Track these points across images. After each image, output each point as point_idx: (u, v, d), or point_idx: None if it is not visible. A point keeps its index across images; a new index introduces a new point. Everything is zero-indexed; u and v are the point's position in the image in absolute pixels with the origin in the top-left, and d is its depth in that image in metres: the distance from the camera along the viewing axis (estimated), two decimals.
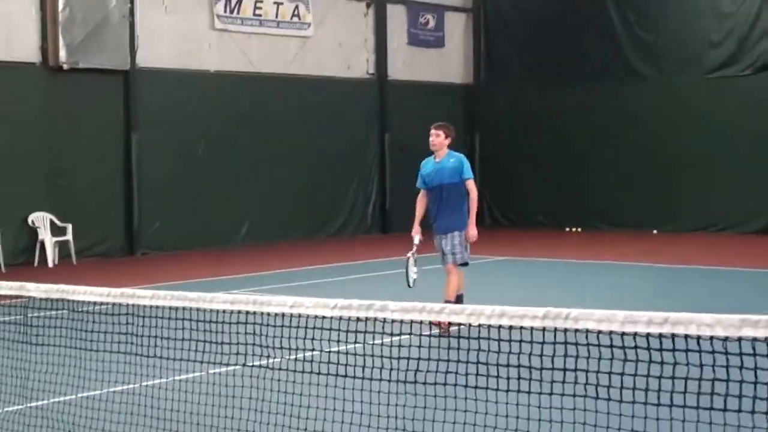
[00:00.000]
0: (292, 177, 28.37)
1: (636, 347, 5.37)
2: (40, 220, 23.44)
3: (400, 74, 31.33)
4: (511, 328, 5.63)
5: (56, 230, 23.57)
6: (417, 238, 13.79)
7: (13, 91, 23.25)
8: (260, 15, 27.74)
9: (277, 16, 28.13)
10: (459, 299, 13.43)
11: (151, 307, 7.32)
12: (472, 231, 13.50)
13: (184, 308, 7.10)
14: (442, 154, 13.79)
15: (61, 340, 8.63)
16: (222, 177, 26.90)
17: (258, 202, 27.67)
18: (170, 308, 7.25)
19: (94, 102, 24.67)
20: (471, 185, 13.63)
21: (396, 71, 31.21)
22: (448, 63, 32.75)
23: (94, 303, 7.56)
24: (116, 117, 25.11)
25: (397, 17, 31.26)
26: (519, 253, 23.58)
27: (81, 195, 24.34)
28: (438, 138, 13.75)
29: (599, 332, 5.23)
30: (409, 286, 13.50)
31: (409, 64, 31.64)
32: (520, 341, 5.94)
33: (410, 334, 6.40)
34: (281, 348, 6.79)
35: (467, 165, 13.68)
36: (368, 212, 30.61)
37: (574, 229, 30.01)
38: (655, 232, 28.38)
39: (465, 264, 13.69)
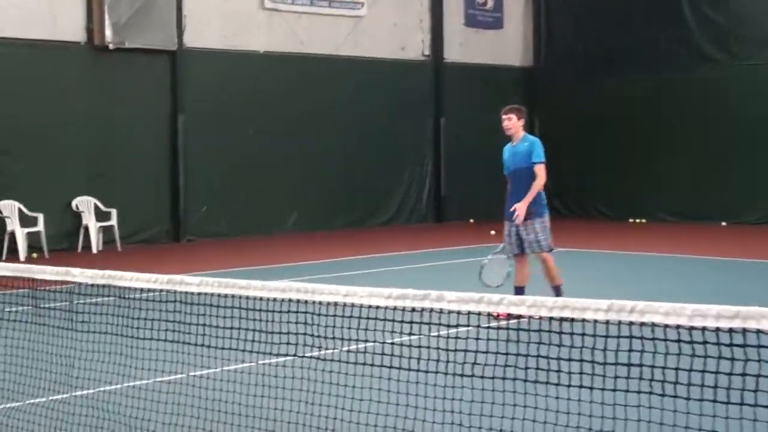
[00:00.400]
0: (343, 162, 28.44)
1: (704, 342, 5.34)
2: (84, 204, 23.64)
3: (457, 56, 31.30)
4: (573, 320, 5.61)
5: (100, 215, 23.76)
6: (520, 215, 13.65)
7: (56, 71, 23.46)
8: None
9: None
10: (558, 290, 13.45)
11: (199, 294, 7.33)
12: (520, 206, 13.36)
13: (233, 296, 7.09)
14: (518, 137, 13.75)
15: (107, 327, 8.69)
16: (270, 162, 27.00)
17: (308, 188, 27.75)
18: (219, 296, 7.27)
19: (139, 83, 24.86)
20: (538, 169, 13.52)
21: (452, 53, 31.18)
22: (507, 45, 32.66)
23: (141, 290, 7.57)
24: (162, 99, 25.30)
25: None
26: (580, 244, 23.46)
27: (126, 179, 24.54)
28: (510, 121, 13.72)
29: (666, 326, 5.19)
30: (489, 285, 13.38)
31: (465, 46, 31.60)
32: (583, 335, 5.93)
33: (468, 325, 6.41)
34: (333, 338, 6.79)
35: (538, 148, 13.61)
36: (422, 200, 30.62)
37: (637, 221, 29.87)
38: (723, 224, 28.17)
39: (551, 249, 13.68)
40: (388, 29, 29.74)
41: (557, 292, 13.40)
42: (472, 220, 29.28)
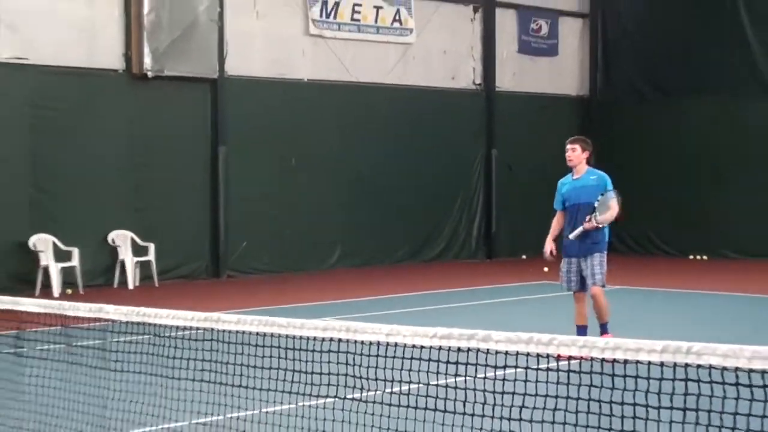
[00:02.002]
0: (390, 195, 28.44)
1: (765, 386, 5.33)
2: (121, 238, 23.75)
3: (510, 85, 31.31)
4: (626, 362, 5.63)
5: (138, 250, 23.86)
6: (548, 249, 13.66)
7: (94, 99, 23.59)
8: (358, 20, 27.92)
9: (376, 21, 28.29)
10: (604, 328, 13.40)
11: (237, 332, 7.37)
12: (587, 224, 13.32)
13: (272, 335, 7.13)
14: (581, 170, 13.71)
15: (141, 366, 8.75)
16: (314, 195, 27.05)
17: (353, 223, 27.77)
18: (258, 334, 7.31)
19: (179, 112, 24.98)
20: (614, 205, 13.48)
21: (505, 82, 31.20)
22: (562, 73, 32.65)
23: (177, 327, 7.62)
24: (203, 128, 25.40)
25: (506, 23, 31.28)
26: (637, 282, 23.37)
27: (164, 212, 24.62)
28: (574, 153, 13.68)
29: (724, 369, 5.19)
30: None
31: (519, 74, 31.62)
32: (636, 377, 5.93)
33: (516, 367, 6.41)
34: (376, 379, 6.79)
35: (610, 183, 13.58)
36: (472, 235, 30.59)
37: (698, 257, 29.73)
38: None
39: (604, 285, 13.58)
40: (438, 57, 29.82)
41: (603, 330, 13.36)
42: (524, 257, 29.21)
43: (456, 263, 29.21)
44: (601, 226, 13.35)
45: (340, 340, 6.66)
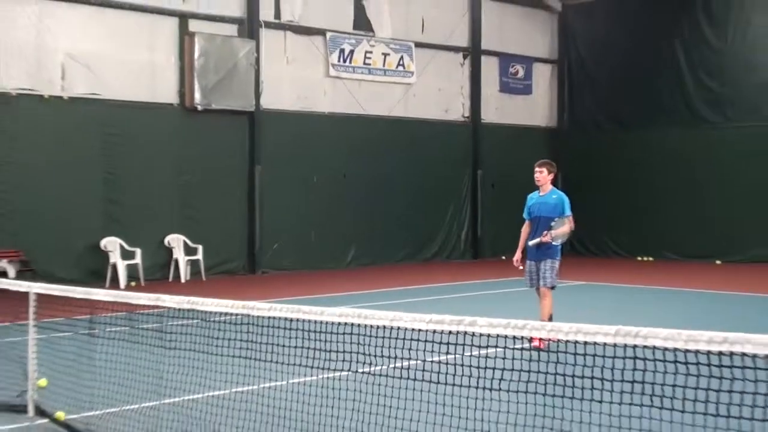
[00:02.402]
0: (394, 206, 28.44)
1: (698, 363, 5.34)
2: (175, 241, 23.76)
3: (492, 118, 31.30)
4: (585, 343, 5.62)
5: (188, 250, 23.87)
6: (517, 259, 13.61)
7: (154, 128, 23.63)
8: (369, 64, 27.93)
9: (384, 65, 28.30)
10: (550, 319, 13.30)
11: (269, 318, 7.39)
12: (544, 238, 13.30)
13: (298, 320, 7.14)
14: (546, 189, 13.60)
15: (191, 345, 8.73)
16: (333, 205, 27.07)
17: (364, 229, 27.76)
18: (286, 320, 7.31)
19: (223, 138, 24.99)
20: (569, 222, 13.44)
21: (488, 115, 31.19)
22: (535, 108, 32.64)
23: (220, 313, 7.63)
24: (242, 151, 25.40)
25: (490, 67, 31.26)
26: (596, 278, 23.35)
27: (210, 220, 24.62)
28: (541, 174, 13.58)
29: (665, 349, 5.19)
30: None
31: (500, 109, 31.61)
32: (594, 356, 5.92)
33: (496, 347, 6.40)
34: (382, 357, 6.79)
35: (568, 204, 13.45)
36: (461, 240, 30.56)
37: (645, 258, 29.69)
38: (718, 262, 27.97)
39: (553, 287, 13.50)
40: (434, 94, 29.81)
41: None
42: (503, 257, 29.17)
43: (448, 263, 29.16)
44: (554, 242, 13.29)
45: (353, 325, 6.66)
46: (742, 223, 28.16)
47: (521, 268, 13.61)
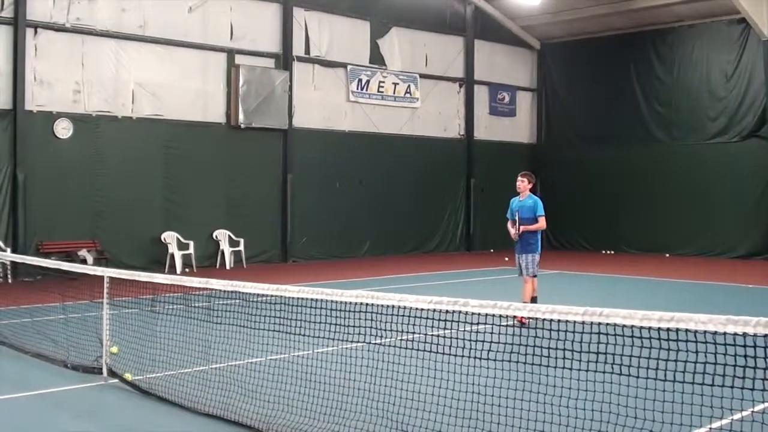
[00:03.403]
0: (402, 207, 28.42)
1: (650, 338, 5.32)
2: (222, 235, 23.77)
3: (483, 135, 31.22)
4: (559, 321, 5.61)
5: (232, 243, 23.87)
6: (513, 232, 13.58)
7: (205, 143, 23.65)
8: (382, 91, 27.90)
9: (394, 92, 28.27)
10: (534, 300, 13.30)
11: (298, 298, 7.39)
12: (522, 228, 13.37)
13: (322, 300, 7.15)
14: (525, 194, 13.67)
15: (234, 320, 8.75)
16: (351, 206, 27.06)
17: (377, 226, 27.74)
18: (312, 300, 7.32)
19: (261, 151, 24.97)
20: (541, 220, 13.46)
21: (480, 133, 31.12)
22: (519, 128, 32.56)
23: (258, 294, 7.63)
24: (277, 162, 25.39)
25: (481, 94, 31.19)
26: (568, 268, 23.30)
27: (250, 218, 24.62)
28: (523, 183, 13.67)
29: (624, 326, 5.18)
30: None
31: (489, 128, 31.53)
32: (566, 331, 5.92)
33: (485, 323, 6.39)
34: (391, 331, 6.79)
35: (540, 206, 13.47)
36: (457, 235, 30.50)
37: (608, 252, 29.62)
38: (667, 255, 27.91)
39: (535, 276, 13.49)
40: (435, 116, 29.75)
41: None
42: (492, 250, 29.14)
43: (446, 254, 29.11)
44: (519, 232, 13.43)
45: (367, 304, 6.66)
46: (689, 221, 28.11)
47: (515, 236, 13.57)
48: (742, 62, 27.29)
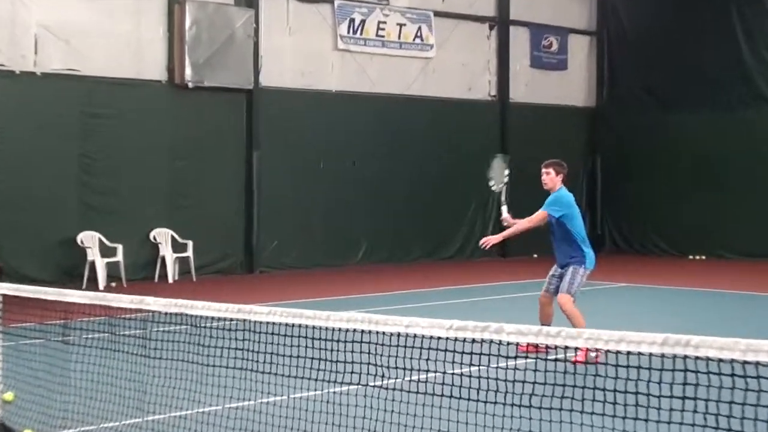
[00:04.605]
0: (411, 198, 28.46)
1: (758, 377, 5.28)
2: (162, 236, 23.82)
3: (522, 97, 31.27)
4: (629, 353, 5.58)
5: (177, 247, 23.93)
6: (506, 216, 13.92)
7: (139, 108, 23.71)
8: (383, 36, 27.92)
9: (399, 38, 28.28)
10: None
11: (268, 323, 7.36)
12: (493, 238, 13.52)
13: (300, 326, 7.11)
14: (554, 190, 13.75)
15: (179, 354, 8.73)
16: (341, 196, 27.10)
17: (376, 222, 27.79)
18: (287, 325, 7.28)
19: (217, 120, 25.05)
20: (537, 213, 13.55)
21: (518, 94, 31.16)
22: (571, 86, 32.59)
23: (212, 318, 7.62)
24: (239, 135, 25.47)
25: (519, 39, 31.23)
26: (640, 279, 23.30)
27: (202, 212, 24.69)
28: (548, 176, 13.76)
29: (720, 360, 5.14)
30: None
31: (531, 87, 31.58)
32: (638, 367, 5.88)
33: (526, 357, 6.38)
34: (396, 368, 6.77)
35: (550, 200, 13.59)
36: (487, 235, 30.44)
37: (697, 257, 29.61)
38: None
39: (573, 296, 13.37)
40: (456, 70, 29.78)
41: None
42: (535, 255, 29.12)
43: (471, 262, 29.12)
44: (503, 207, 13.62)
45: (362, 332, 6.65)
46: None
47: (509, 218, 13.76)
48: None
